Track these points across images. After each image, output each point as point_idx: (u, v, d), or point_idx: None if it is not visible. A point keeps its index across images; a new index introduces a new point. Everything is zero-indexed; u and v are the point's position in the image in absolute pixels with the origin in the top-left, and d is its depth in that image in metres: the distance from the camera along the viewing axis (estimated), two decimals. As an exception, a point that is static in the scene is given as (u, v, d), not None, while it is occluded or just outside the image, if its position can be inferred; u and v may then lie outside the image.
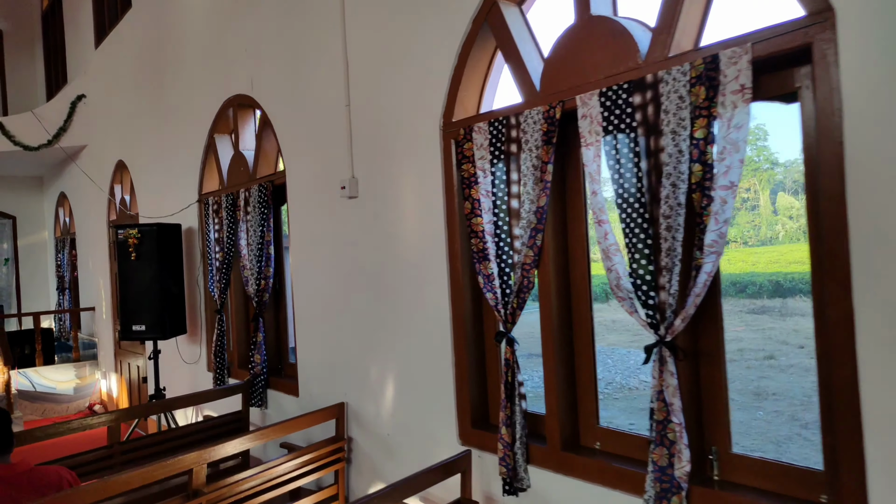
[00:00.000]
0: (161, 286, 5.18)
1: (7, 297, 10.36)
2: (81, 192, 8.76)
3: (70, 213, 9.42)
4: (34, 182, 10.67)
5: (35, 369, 7.84)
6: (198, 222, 5.43)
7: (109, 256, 7.71)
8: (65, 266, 9.56)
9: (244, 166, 4.75)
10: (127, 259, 5.21)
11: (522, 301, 2.60)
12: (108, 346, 7.94)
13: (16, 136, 8.29)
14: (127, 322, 5.23)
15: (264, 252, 4.42)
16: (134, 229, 5.17)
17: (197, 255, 5.51)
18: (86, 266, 8.74)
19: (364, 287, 3.52)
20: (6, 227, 10.45)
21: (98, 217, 8.02)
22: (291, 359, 4.63)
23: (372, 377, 3.49)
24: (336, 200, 3.70)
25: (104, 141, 7.74)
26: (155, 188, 6.31)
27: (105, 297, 7.94)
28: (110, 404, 7.92)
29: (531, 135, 2.51)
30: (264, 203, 4.39)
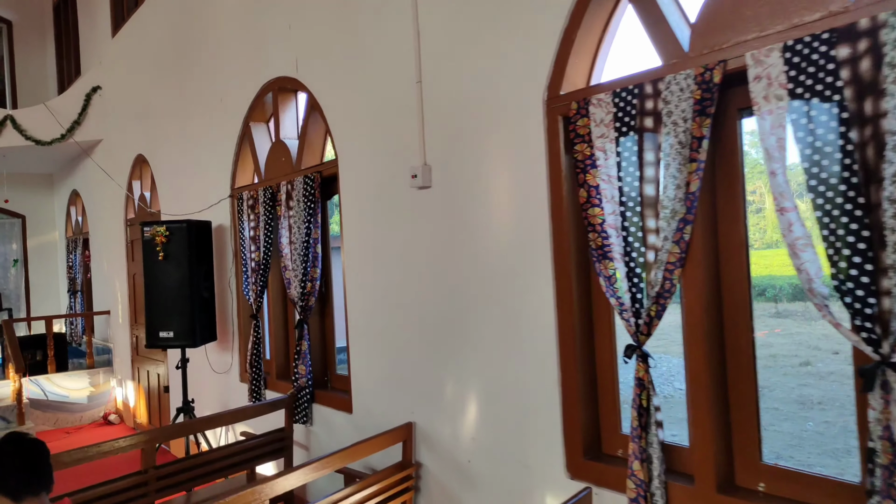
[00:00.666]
0: (191, 289, 4.73)
1: (16, 299, 9.92)
2: (96, 189, 8.32)
3: (83, 211, 8.98)
4: (44, 180, 10.24)
5: (47, 376, 7.40)
6: (230, 219, 4.98)
7: (126, 257, 7.26)
8: (77, 267, 9.12)
9: (285, 156, 4.30)
10: (154, 259, 4.76)
11: (662, 308, 2.14)
12: (124, 353, 7.49)
13: (27, 130, 7.85)
14: (153, 328, 4.78)
15: (310, 251, 3.97)
16: (162, 226, 4.72)
17: (228, 254, 5.06)
18: (100, 267, 8.30)
19: (438, 290, 3.06)
20: (15, 226, 10.02)
21: (114, 215, 7.58)
22: (340, 370, 4.17)
23: (447, 394, 3.03)
24: (403, 191, 3.24)
25: (121, 135, 7.30)
26: (179, 183, 5.87)
27: (121, 300, 7.49)
28: (126, 414, 7.47)
29: (676, 105, 2.05)
30: (310, 197, 3.94)
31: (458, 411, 2.97)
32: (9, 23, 9.93)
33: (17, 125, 7.85)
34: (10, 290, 9.92)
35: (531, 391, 2.61)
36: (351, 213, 3.64)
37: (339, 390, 4.02)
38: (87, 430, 7.33)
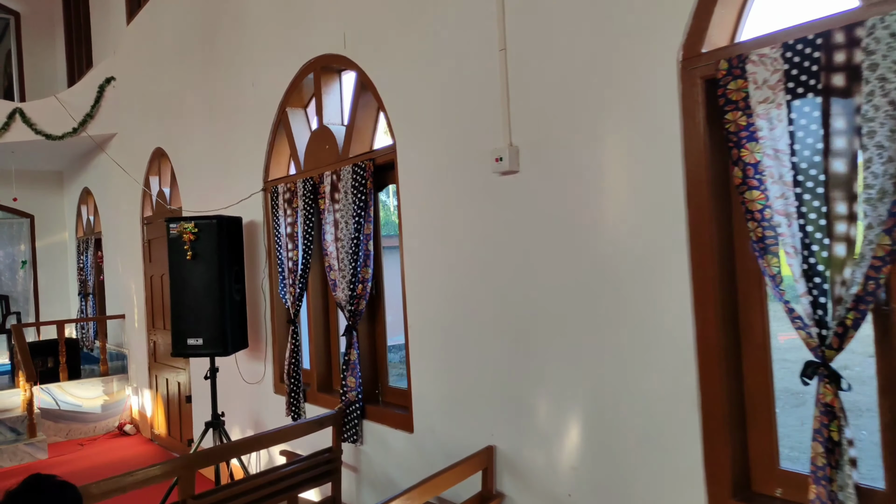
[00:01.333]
0: (222, 291, 4.29)
1: (25, 302, 9.50)
2: (109, 186, 7.89)
3: (95, 210, 8.56)
4: (53, 178, 9.82)
5: (59, 385, 6.97)
6: (262, 215, 4.54)
7: (143, 257, 6.83)
8: (88, 269, 8.69)
9: (329, 143, 3.86)
10: (181, 258, 4.32)
11: (861, 315, 1.69)
12: (140, 359, 7.06)
13: (37, 124, 7.43)
14: (181, 334, 4.34)
15: (361, 249, 3.52)
16: (190, 223, 4.28)
17: (260, 253, 4.62)
18: (114, 269, 7.87)
19: (526, 293, 2.61)
20: (24, 226, 9.60)
21: (130, 214, 7.15)
22: (394, 382, 3.73)
23: (538, 414, 2.58)
24: (480, 178, 2.79)
25: (138, 127, 6.87)
26: (203, 177, 5.43)
27: (137, 303, 7.06)
28: (143, 425, 7.03)
29: (885, 55, 1.60)
30: (361, 188, 3.49)
31: (553, 435, 2.52)
32: (16, 14, 9.52)
33: (26, 119, 7.43)
34: (17, 292, 9.50)
35: (658, 414, 2.16)
36: (412, 204, 3.20)
37: (393, 405, 3.57)
38: (102, 441, 6.90)
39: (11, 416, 6.45)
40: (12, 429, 6.44)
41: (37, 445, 6.30)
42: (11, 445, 6.17)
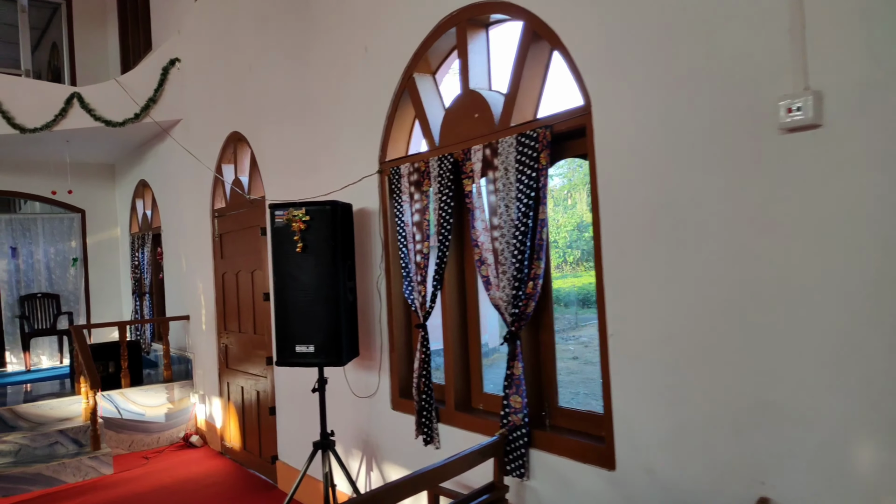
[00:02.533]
0: (336, 291, 3.65)
1: (75, 302, 9.00)
2: (170, 177, 7.33)
3: (153, 203, 8.00)
4: (105, 171, 9.31)
5: (120, 391, 6.41)
6: (378, 201, 3.89)
7: (213, 254, 6.23)
8: (144, 267, 8.14)
9: (481, 111, 3.19)
10: (288, 252, 3.69)
11: None
12: (208, 364, 6.47)
13: (96, 109, 6.89)
14: (288, 341, 3.71)
15: (529, 239, 2.85)
16: (300, 209, 3.64)
17: (373, 246, 3.97)
18: (176, 266, 7.30)
19: (826, 296, 1.91)
20: (75, 222, 9.10)
21: (197, 206, 6.57)
22: (564, 402, 3.04)
23: (860, 463, 1.88)
24: (744, 139, 2.10)
25: (207, 111, 6.28)
26: (292, 162, 4.80)
27: (206, 303, 6.47)
28: (210, 436, 6.44)
29: None
30: (531, 163, 2.82)
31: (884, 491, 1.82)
32: None
33: (84, 104, 6.89)
34: (68, 291, 9.00)
35: None
36: (620, 179, 2.51)
37: (569, 431, 2.89)
38: (168, 454, 6.32)
39: (73, 427, 5.90)
40: (74, 440, 5.88)
41: (101, 459, 5.72)
42: (75, 459, 5.60)
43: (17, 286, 8.66)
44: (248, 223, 5.54)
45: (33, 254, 8.80)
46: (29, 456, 5.64)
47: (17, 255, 8.67)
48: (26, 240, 8.76)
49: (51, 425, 5.94)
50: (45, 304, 8.75)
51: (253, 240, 5.47)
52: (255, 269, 5.46)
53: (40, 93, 7.03)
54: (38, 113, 6.92)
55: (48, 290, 8.85)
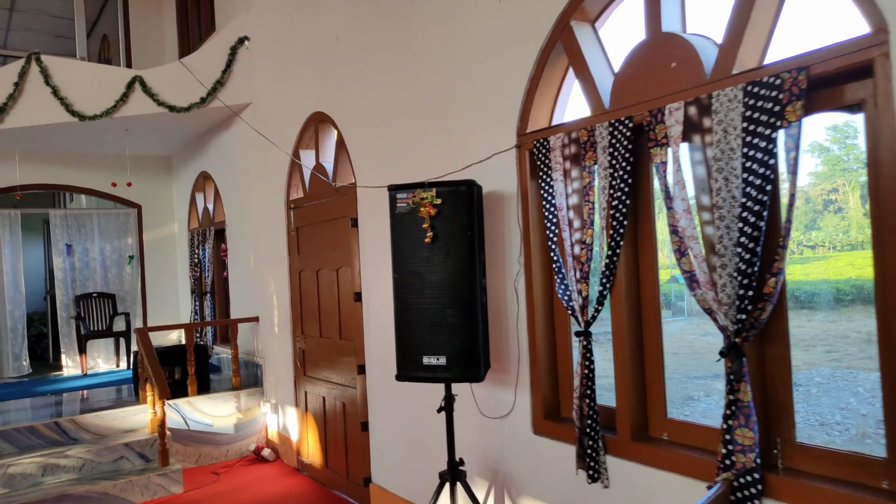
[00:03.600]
0: (472, 290, 3.00)
1: (132, 302, 8.53)
2: (236, 168, 6.78)
3: (215, 196, 7.48)
4: (161, 164, 8.83)
5: (187, 399, 5.86)
6: (517, 182, 3.22)
7: (289, 249, 5.65)
8: (205, 264, 7.62)
9: (681, 58, 2.49)
10: (414, 244, 3.04)
11: None
12: (281, 370, 5.89)
13: (159, 94, 6.37)
14: (412, 350, 3.06)
15: (765, 222, 2.15)
16: (429, 191, 2.99)
17: (505, 237, 3.30)
18: (243, 263, 6.75)
19: None
20: (131, 217, 8.64)
21: (269, 197, 6.00)
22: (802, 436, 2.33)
23: None
24: None
25: (282, 92, 5.70)
26: (390, 143, 4.17)
27: (279, 304, 5.89)
28: (284, 450, 5.86)
29: None
30: (768, 121, 2.12)
31: None
32: (123, -18, 8.58)
33: (146, 88, 6.38)
34: (125, 291, 8.54)
35: None
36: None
37: (817, 477, 2.18)
38: (239, 468, 5.75)
39: (139, 440, 5.36)
40: (141, 454, 5.35)
41: (170, 476, 5.17)
42: (142, 476, 5.06)
43: (72, 285, 8.22)
44: (333, 214, 4.93)
45: (88, 251, 8.36)
46: (94, 472, 5.11)
47: (73, 252, 8.24)
48: (81, 237, 8.33)
49: (115, 438, 5.42)
50: (100, 305, 8.30)
51: (339, 233, 4.86)
52: (342, 266, 4.85)
53: (100, 77, 6.54)
54: (98, 99, 6.43)
55: (104, 289, 8.41)
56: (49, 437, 5.29)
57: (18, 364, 7.80)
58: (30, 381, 7.41)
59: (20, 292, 7.92)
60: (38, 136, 7.11)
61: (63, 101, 6.42)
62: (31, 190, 7.99)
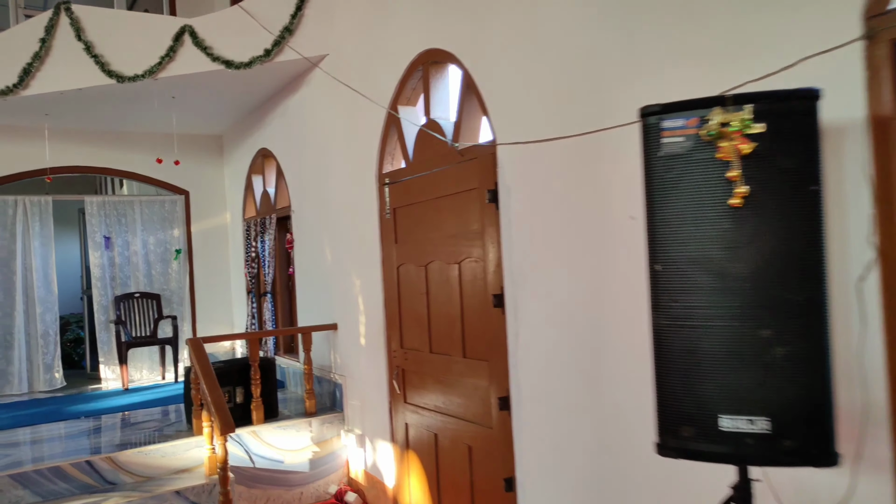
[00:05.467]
0: (813, 295, 1.62)
1: (179, 303, 7.37)
2: (307, 140, 5.52)
3: (279, 177, 6.24)
4: (210, 143, 7.65)
5: (252, 429, 4.62)
6: (865, 102, 1.83)
7: (381, 236, 4.35)
8: (265, 259, 6.38)
9: None
10: (705, 205, 1.67)
11: None
12: (370, 393, 4.60)
13: (213, 47, 5.15)
14: (692, 400, 1.69)
15: None
16: (739, 110, 1.62)
17: (840, 197, 1.91)
18: (314, 257, 5.49)
19: None
20: (177, 205, 7.47)
21: (353, 173, 4.72)
22: None
23: None
24: None
25: (372, 35, 4.40)
26: (558, 76, 2.81)
27: (366, 307, 4.60)
28: (375, 495, 4.56)
29: None
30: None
31: None
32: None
33: (198, 40, 5.15)
34: (171, 290, 7.37)
35: None
36: None
37: None
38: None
39: (194, 485, 4.13)
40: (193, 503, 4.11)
41: (235, 536, 3.92)
42: (199, 538, 3.82)
43: (111, 284, 7.08)
44: (454, 186, 3.61)
45: (130, 244, 7.21)
46: (136, 531, 3.89)
47: (112, 246, 7.10)
48: (122, 227, 7.18)
49: (163, 482, 4.19)
50: (143, 306, 7.14)
51: (465, 212, 3.53)
52: (467, 258, 3.53)
53: (142, 29, 5.35)
54: (139, 57, 5.24)
55: (147, 288, 7.25)
56: (80, 482, 4.09)
57: (50, 376, 6.68)
58: (63, 398, 6.28)
59: (52, 292, 6.80)
60: (69, 107, 5.97)
61: (98, 60, 5.25)
62: (64, 173, 6.86)
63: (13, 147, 6.55)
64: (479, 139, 3.59)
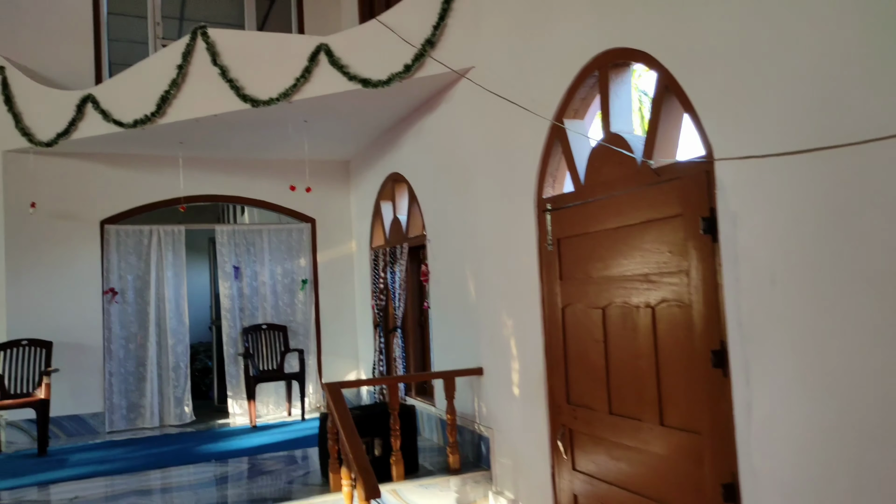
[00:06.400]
0: None
1: (304, 336, 7.09)
2: (445, 163, 5.05)
3: (411, 204, 5.82)
4: (337, 170, 7.39)
5: (392, 488, 4.11)
6: None
7: (540, 272, 3.74)
8: (395, 291, 5.95)
9: None
10: None
11: None
12: (526, 451, 3.97)
13: (349, 66, 4.80)
14: None
15: None
16: None
17: None
18: (454, 291, 4.97)
19: None
20: (304, 233, 7.24)
21: (504, 198, 4.17)
22: None
23: None
24: None
25: (530, 42, 3.85)
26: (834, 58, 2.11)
27: (521, 352, 4.00)
28: (532, 572, 3.90)
29: None
30: None
31: None
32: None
33: (334, 59, 4.83)
34: (297, 322, 7.12)
35: None
36: None
37: None
38: None
39: (332, 555, 3.64)
40: (333, 575, 3.62)
41: None
42: None
43: (239, 315, 6.92)
44: (645, 214, 2.95)
45: (258, 274, 7.04)
46: None
47: (240, 276, 6.94)
48: (250, 257, 7.02)
49: (299, 547, 3.75)
50: (270, 339, 6.92)
51: (659, 244, 2.86)
52: (663, 302, 2.84)
53: (277, 50, 5.12)
54: (274, 79, 4.99)
55: (273, 319, 7.04)
56: (211, 543, 3.72)
57: (180, 410, 6.55)
58: (192, 435, 6.09)
59: (183, 323, 6.71)
60: (202, 135, 5.85)
61: (233, 84, 5.06)
62: (196, 202, 6.79)
63: (148, 176, 6.54)
64: (676, 155, 2.92)
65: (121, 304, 6.43)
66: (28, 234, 6.06)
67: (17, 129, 5.64)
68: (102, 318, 6.31)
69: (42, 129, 5.64)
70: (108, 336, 6.34)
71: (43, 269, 6.12)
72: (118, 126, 5.39)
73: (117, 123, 5.39)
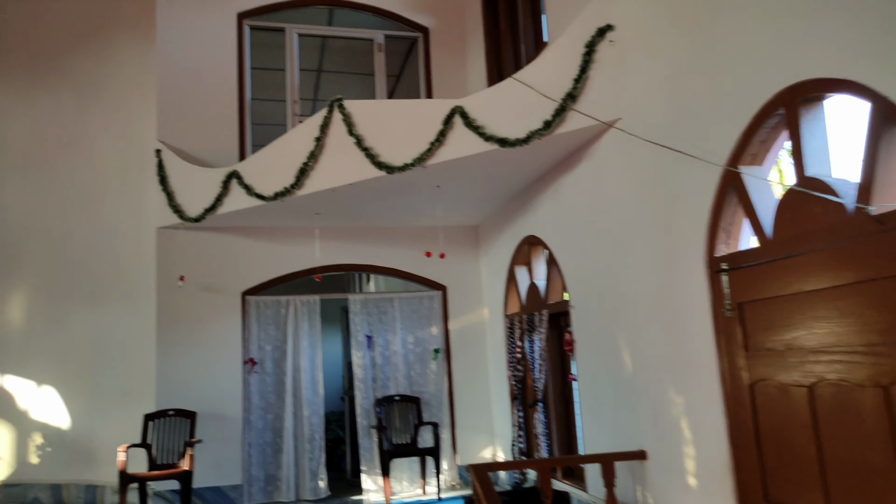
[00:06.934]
0: None
1: (437, 408, 6.80)
2: (589, 223, 4.68)
3: (550, 268, 5.46)
4: (466, 235, 7.21)
5: (547, 589, 3.60)
6: None
7: (718, 343, 3.22)
8: (534, 362, 5.54)
9: None
10: None
11: None
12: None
13: (484, 126, 4.62)
14: None
15: None
16: None
17: None
18: (604, 362, 4.50)
19: None
20: (434, 301, 7.07)
21: (664, 258, 3.72)
22: None
23: None
24: None
25: (684, 87, 3.48)
26: None
27: (697, 435, 3.45)
28: None
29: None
30: None
31: None
32: (425, 30, 7.40)
33: (469, 120, 4.68)
34: (429, 393, 6.86)
35: None
36: None
37: None
38: None
39: None
40: None
41: None
42: None
43: (372, 385, 6.76)
44: (865, 272, 2.43)
45: (390, 344, 6.89)
46: None
47: (373, 345, 6.82)
48: (382, 326, 6.91)
49: None
50: (403, 410, 6.69)
51: (890, 307, 2.31)
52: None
53: (410, 116, 5.07)
54: (408, 145, 4.92)
55: (405, 390, 6.81)
56: None
57: (315, 484, 6.39)
58: (327, 511, 5.88)
59: (318, 394, 6.63)
60: (336, 205, 5.87)
61: (368, 152, 5.03)
62: (330, 272, 6.80)
63: (286, 247, 6.65)
64: (900, 199, 2.40)
65: (260, 374, 6.47)
66: (176, 306, 6.28)
67: (170, 206, 5.94)
68: (242, 388, 6.36)
69: (191, 205, 5.90)
70: (247, 406, 6.36)
71: (189, 339, 6.30)
72: (259, 199, 5.53)
73: (259, 197, 5.53)
